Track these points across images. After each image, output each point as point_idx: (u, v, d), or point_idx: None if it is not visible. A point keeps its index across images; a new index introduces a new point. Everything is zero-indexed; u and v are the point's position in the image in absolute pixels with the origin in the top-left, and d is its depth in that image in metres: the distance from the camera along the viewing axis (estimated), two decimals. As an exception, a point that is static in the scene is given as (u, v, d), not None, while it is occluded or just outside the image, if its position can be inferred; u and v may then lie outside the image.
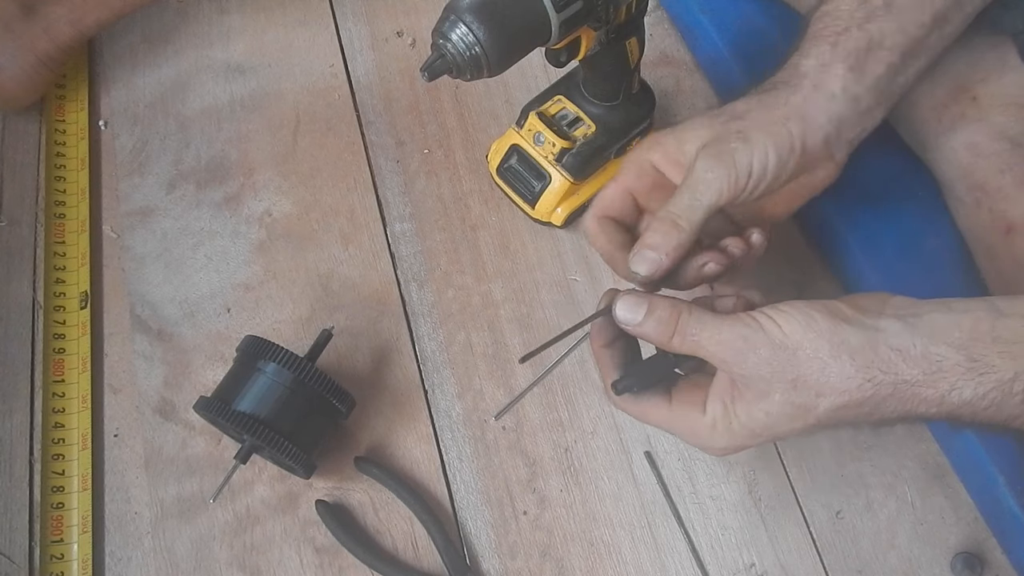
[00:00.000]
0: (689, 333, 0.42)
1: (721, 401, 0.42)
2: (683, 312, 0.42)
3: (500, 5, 0.46)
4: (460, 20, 0.46)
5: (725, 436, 0.43)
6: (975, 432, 0.49)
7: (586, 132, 0.64)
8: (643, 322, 0.43)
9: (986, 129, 0.58)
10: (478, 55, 0.46)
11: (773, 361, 0.39)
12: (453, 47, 0.46)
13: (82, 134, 0.74)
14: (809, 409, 0.40)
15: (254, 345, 0.57)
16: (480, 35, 0.45)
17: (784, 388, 0.40)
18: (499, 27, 0.46)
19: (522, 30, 0.48)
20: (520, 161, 0.67)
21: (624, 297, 0.44)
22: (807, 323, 0.39)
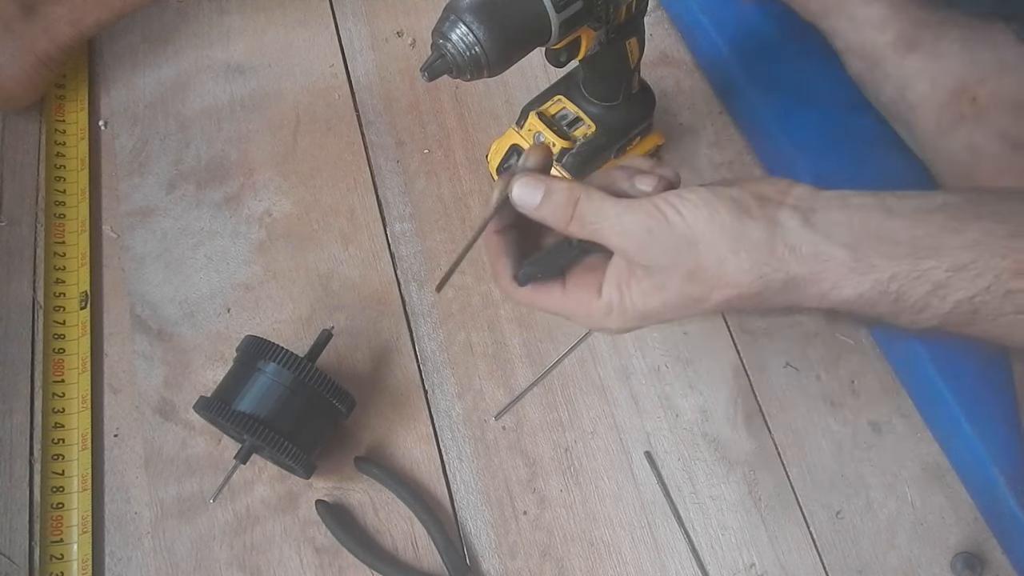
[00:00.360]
0: (588, 220, 0.41)
1: (617, 286, 0.42)
2: (581, 197, 0.41)
3: (500, 5, 0.46)
4: (460, 20, 0.46)
5: (619, 319, 0.43)
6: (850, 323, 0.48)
7: (586, 132, 0.64)
8: (540, 206, 0.42)
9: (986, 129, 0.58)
10: (478, 55, 0.46)
11: (673, 253, 0.39)
12: (453, 47, 0.46)
13: (82, 134, 0.74)
14: (702, 300, 0.40)
15: (254, 345, 0.57)
16: (480, 35, 0.45)
17: (681, 279, 0.40)
18: (499, 27, 0.46)
19: (522, 30, 0.48)
20: None
21: (522, 178, 0.42)
22: (711, 215, 0.39)
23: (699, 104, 0.75)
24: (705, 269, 0.39)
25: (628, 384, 0.64)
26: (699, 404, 0.63)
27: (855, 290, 0.38)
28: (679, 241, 0.39)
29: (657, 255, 0.40)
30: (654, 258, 0.40)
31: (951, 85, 0.60)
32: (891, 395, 0.63)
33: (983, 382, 0.58)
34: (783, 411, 0.63)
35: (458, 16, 0.46)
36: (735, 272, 0.39)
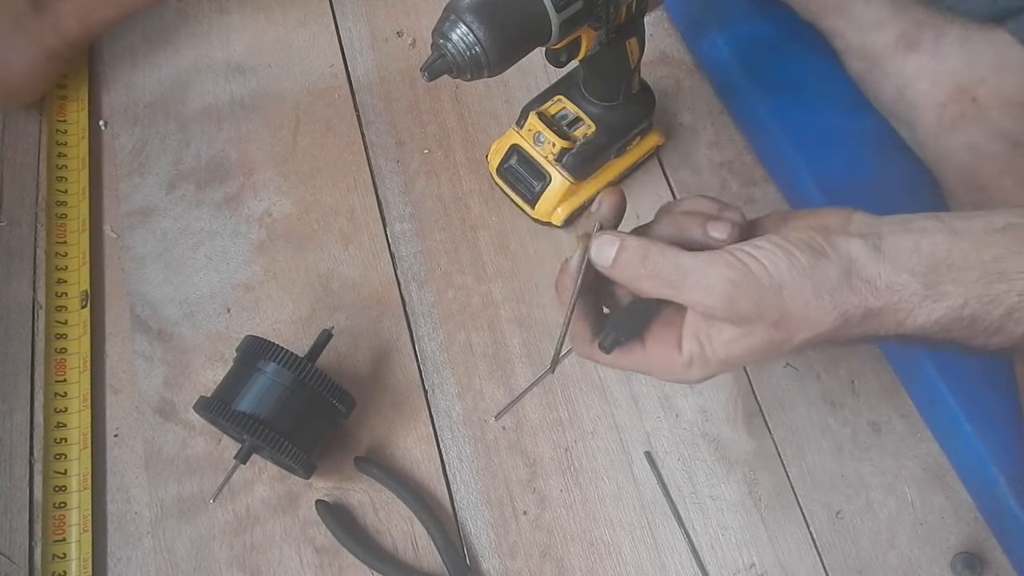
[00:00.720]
0: (665, 278, 0.40)
1: (696, 338, 0.42)
2: (655, 253, 0.41)
3: (500, 5, 0.46)
4: (460, 20, 0.45)
5: (701, 370, 0.43)
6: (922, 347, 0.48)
7: (586, 132, 0.64)
8: (614, 263, 0.42)
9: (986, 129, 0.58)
10: (478, 55, 0.46)
11: (761, 304, 0.39)
12: (453, 47, 0.46)
13: (83, 134, 0.74)
14: (785, 343, 0.40)
15: (254, 345, 0.57)
16: (480, 35, 0.45)
17: (766, 328, 0.40)
18: (499, 27, 0.46)
19: (522, 30, 0.48)
20: (520, 161, 0.67)
21: (599, 238, 0.42)
22: (791, 261, 0.39)
23: (699, 104, 0.75)
24: (790, 315, 0.39)
25: (628, 384, 0.64)
26: (699, 404, 0.63)
27: (929, 317, 0.38)
28: (765, 291, 0.39)
29: (744, 308, 0.39)
30: (741, 312, 0.39)
31: (951, 85, 0.60)
32: (891, 395, 0.63)
33: (983, 382, 0.58)
34: (783, 411, 0.63)
35: (458, 16, 0.46)
36: (818, 314, 0.39)
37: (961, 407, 0.57)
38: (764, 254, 0.39)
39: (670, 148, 0.73)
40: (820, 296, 0.39)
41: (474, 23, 0.45)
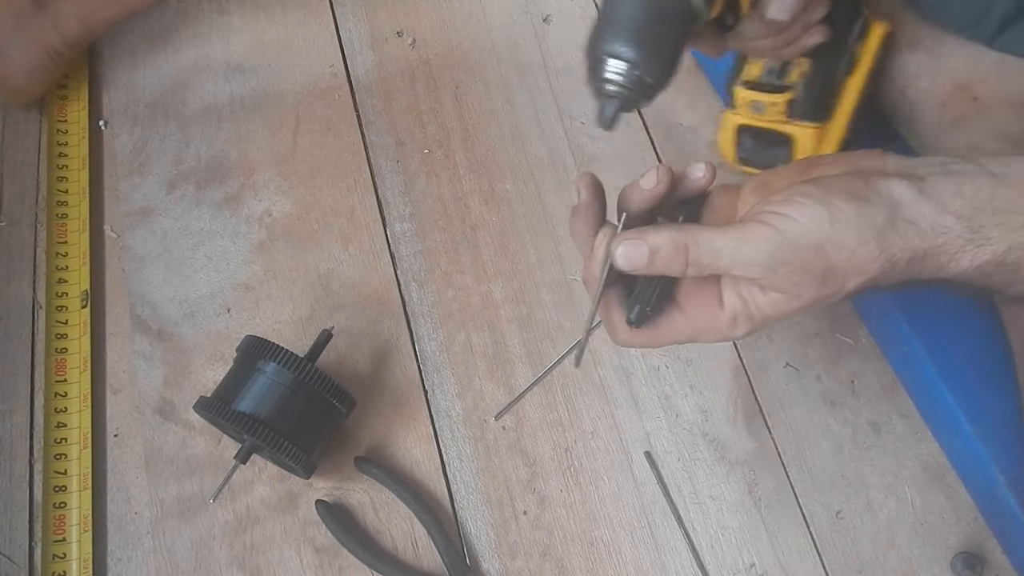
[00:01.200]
0: (705, 263, 0.39)
1: (739, 296, 0.41)
2: (689, 243, 0.39)
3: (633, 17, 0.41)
4: (606, 56, 0.41)
5: (747, 325, 0.41)
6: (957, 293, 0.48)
7: (802, 70, 0.57)
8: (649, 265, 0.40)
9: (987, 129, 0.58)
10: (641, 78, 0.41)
11: (803, 265, 0.38)
12: (615, 86, 0.41)
13: (83, 134, 0.74)
14: (834, 295, 0.39)
15: (254, 345, 0.57)
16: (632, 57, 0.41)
17: (814, 285, 0.39)
18: (646, 38, 0.41)
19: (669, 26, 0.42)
20: (754, 138, 0.61)
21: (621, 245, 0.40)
22: (831, 216, 0.37)
23: (699, 104, 0.75)
24: (835, 267, 0.38)
25: (628, 384, 0.64)
26: (699, 404, 0.63)
27: (972, 262, 0.38)
28: (805, 252, 0.38)
29: (787, 273, 0.38)
30: (783, 277, 0.38)
31: (952, 84, 0.60)
32: (891, 395, 0.63)
33: (983, 382, 0.58)
34: (783, 411, 0.63)
35: (603, 54, 0.41)
36: (865, 261, 0.38)
37: (961, 407, 0.57)
38: (800, 211, 0.38)
39: (670, 148, 0.73)
40: (866, 243, 0.37)
41: (621, 49, 0.41)
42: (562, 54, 0.77)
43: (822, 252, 0.38)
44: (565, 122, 0.73)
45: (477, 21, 0.79)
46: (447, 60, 0.77)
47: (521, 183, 0.71)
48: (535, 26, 0.78)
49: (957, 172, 0.39)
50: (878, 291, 0.41)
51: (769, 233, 0.38)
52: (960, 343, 0.59)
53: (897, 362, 0.63)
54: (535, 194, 0.71)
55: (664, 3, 0.42)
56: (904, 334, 0.60)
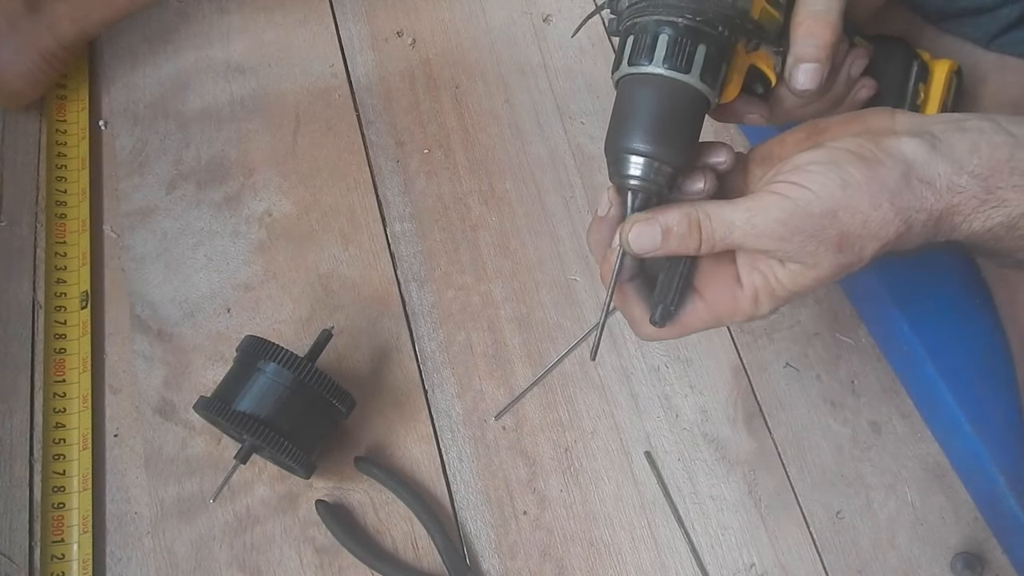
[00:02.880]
0: (719, 239, 0.39)
1: (758, 271, 0.40)
2: (701, 218, 0.39)
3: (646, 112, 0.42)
4: (628, 153, 0.41)
5: (769, 303, 0.41)
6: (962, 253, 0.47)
7: None
8: (663, 245, 0.40)
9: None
10: (662, 168, 0.42)
11: (818, 233, 0.37)
12: (639, 181, 0.42)
13: (83, 134, 0.74)
14: (854, 263, 0.38)
15: (254, 345, 0.57)
16: (653, 151, 0.41)
17: (831, 253, 0.38)
18: (662, 131, 0.41)
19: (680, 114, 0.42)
20: None
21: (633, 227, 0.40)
22: (843, 181, 0.37)
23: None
24: (850, 233, 0.37)
25: (628, 384, 0.64)
26: (699, 404, 0.63)
27: (984, 224, 0.37)
28: (818, 219, 0.37)
29: (801, 243, 0.37)
30: (798, 246, 0.38)
31: (951, 84, 0.60)
32: (891, 395, 0.63)
33: (983, 382, 0.58)
34: (783, 411, 0.63)
35: (624, 151, 0.42)
36: (881, 224, 0.37)
37: (961, 407, 0.57)
38: (810, 178, 0.37)
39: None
40: (879, 206, 0.37)
41: (639, 146, 0.41)
42: (562, 54, 0.77)
43: (835, 218, 0.37)
44: (565, 122, 0.73)
45: (477, 21, 0.79)
46: (447, 60, 0.77)
47: (521, 183, 0.71)
48: (535, 26, 0.78)
49: (973, 129, 0.38)
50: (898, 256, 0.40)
51: (781, 202, 0.37)
52: (960, 343, 0.59)
53: (897, 362, 0.63)
54: (535, 194, 0.71)
55: (675, 95, 0.42)
56: (904, 334, 0.60)
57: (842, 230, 0.37)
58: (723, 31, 0.41)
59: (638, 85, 0.42)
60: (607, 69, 0.75)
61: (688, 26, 0.41)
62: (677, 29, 0.41)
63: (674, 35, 0.41)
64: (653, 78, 0.41)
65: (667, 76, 0.41)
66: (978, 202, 0.37)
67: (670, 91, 0.41)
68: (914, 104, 0.54)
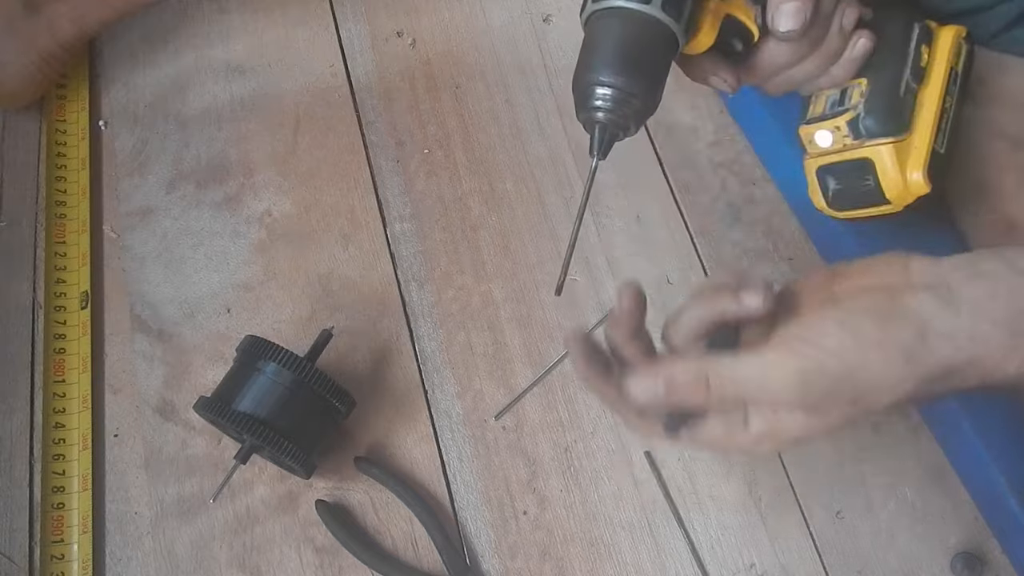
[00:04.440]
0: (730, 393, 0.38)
1: (764, 419, 0.40)
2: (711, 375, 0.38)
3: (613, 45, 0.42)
4: (595, 85, 0.42)
5: (771, 446, 0.40)
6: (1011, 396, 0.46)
7: (860, 90, 0.52)
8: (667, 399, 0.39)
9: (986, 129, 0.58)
10: (628, 99, 0.42)
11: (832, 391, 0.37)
12: (605, 114, 0.42)
13: (83, 134, 0.74)
14: (865, 415, 0.38)
15: (254, 345, 0.57)
16: (617, 81, 0.41)
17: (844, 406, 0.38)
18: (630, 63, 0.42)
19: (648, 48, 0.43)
20: (836, 176, 0.55)
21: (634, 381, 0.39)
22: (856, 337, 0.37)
23: (699, 103, 0.75)
24: (866, 393, 0.37)
25: (628, 384, 0.64)
26: (699, 404, 0.63)
27: (1019, 368, 0.36)
28: (834, 379, 0.37)
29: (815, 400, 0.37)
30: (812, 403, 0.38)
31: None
32: (891, 395, 0.63)
33: (983, 382, 0.58)
34: (783, 411, 0.63)
35: (590, 83, 0.42)
36: (895, 381, 0.37)
37: (961, 407, 0.57)
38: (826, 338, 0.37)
39: (669, 148, 0.73)
40: (893, 365, 0.36)
41: (606, 78, 0.41)
42: (562, 54, 0.77)
43: (851, 378, 0.37)
44: (565, 122, 0.73)
45: (477, 21, 0.79)
46: (447, 60, 0.77)
47: (521, 183, 0.71)
48: (535, 26, 0.78)
49: (988, 274, 0.37)
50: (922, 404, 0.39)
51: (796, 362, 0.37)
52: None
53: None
54: (535, 194, 0.71)
55: (638, 26, 0.42)
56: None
57: (858, 388, 0.37)
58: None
59: (602, 19, 0.42)
60: (607, 69, 0.75)
61: None
62: None
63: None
64: (616, 11, 0.42)
65: (629, 7, 0.42)
66: (1007, 348, 0.36)
67: (633, 22, 0.42)
68: (917, 66, 0.52)
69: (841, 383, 0.37)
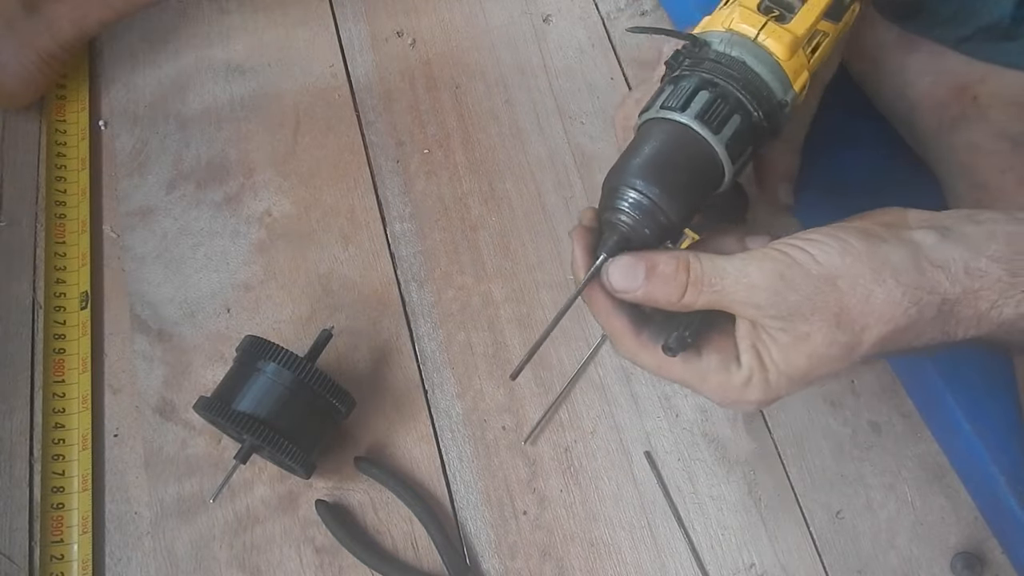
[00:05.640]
0: (707, 283, 0.36)
1: (754, 350, 0.38)
2: (692, 261, 0.37)
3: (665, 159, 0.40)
4: (628, 187, 0.40)
5: (761, 389, 0.38)
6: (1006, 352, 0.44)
7: None
8: (644, 285, 0.37)
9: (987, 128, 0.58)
10: (656, 213, 0.39)
11: (815, 297, 0.35)
12: (629, 217, 0.40)
13: (83, 134, 0.74)
14: (854, 346, 0.36)
15: (254, 345, 0.57)
16: (654, 195, 0.39)
17: (827, 326, 0.36)
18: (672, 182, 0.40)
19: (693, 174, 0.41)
20: None
21: (616, 261, 0.38)
22: (843, 248, 0.35)
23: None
24: (851, 308, 0.35)
25: (628, 384, 0.64)
26: (699, 404, 0.63)
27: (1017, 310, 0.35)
28: (816, 282, 0.35)
29: (795, 303, 0.35)
30: (791, 308, 0.36)
31: (952, 84, 0.60)
32: (891, 395, 0.63)
33: (983, 382, 0.58)
34: (783, 411, 0.63)
35: (624, 184, 0.40)
36: (885, 303, 0.35)
37: (961, 407, 0.57)
38: (811, 244, 0.36)
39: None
40: (883, 282, 0.35)
41: (644, 186, 0.39)
42: (562, 54, 0.77)
43: (834, 286, 0.35)
44: (565, 122, 0.73)
45: (477, 21, 0.79)
46: (447, 60, 0.77)
47: (521, 183, 0.71)
48: (535, 26, 0.78)
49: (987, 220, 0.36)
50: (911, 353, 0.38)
51: (778, 257, 0.36)
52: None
53: (897, 362, 0.63)
54: (535, 194, 0.71)
55: (695, 151, 0.40)
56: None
57: (842, 301, 0.35)
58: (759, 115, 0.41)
59: (662, 130, 0.40)
60: (607, 69, 0.75)
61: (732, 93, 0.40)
62: (719, 91, 0.40)
63: (714, 96, 0.40)
64: (680, 127, 0.40)
65: (695, 130, 0.40)
66: (1005, 285, 0.35)
67: (692, 145, 0.40)
68: None
69: (825, 289, 0.35)
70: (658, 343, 0.40)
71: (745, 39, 0.41)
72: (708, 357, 0.40)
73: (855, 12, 0.46)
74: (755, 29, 0.41)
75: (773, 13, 0.41)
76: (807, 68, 0.42)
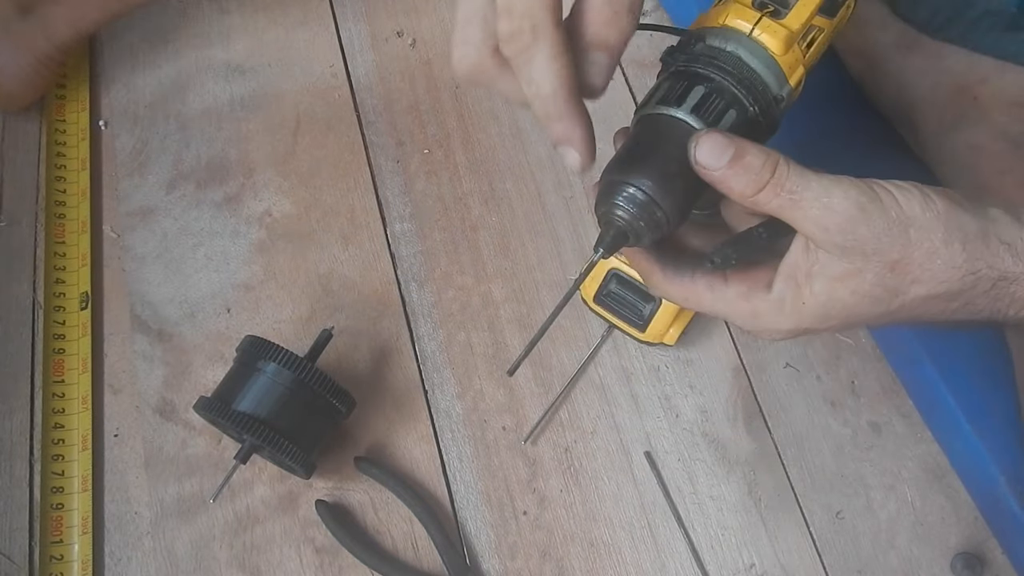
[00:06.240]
0: (788, 189, 0.36)
1: (793, 280, 0.38)
2: (780, 163, 0.36)
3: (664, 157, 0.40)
4: (625, 183, 0.39)
5: (793, 317, 0.38)
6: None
7: None
8: (726, 168, 0.36)
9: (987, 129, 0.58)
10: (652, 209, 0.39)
11: (882, 236, 0.35)
12: (625, 212, 0.39)
13: (82, 134, 0.74)
14: (897, 294, 0.36)
15: (254, 345, 0.57)
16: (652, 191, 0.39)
17: (880, 268, 0.36)
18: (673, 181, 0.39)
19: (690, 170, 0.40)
20: (621, 285, 0.60)
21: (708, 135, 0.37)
22: (925, 202, 0.35)
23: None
24: (911, 260, 0.35)
25: (628, 384, 0.64)
26: (699, 404, 0.63)
27: None
28: (891, 224, 0.35)
29: (864, 237, 0.35)
30: (858, 241, 0.35)
31: (952, 84, 0.60)
32: (891, 395, 0.63)
33: (983, 382, 0.58)
34: (783, 411, 0.63)
35: (622, 179, 0.39)
36: (944, 266, 0.36)
37: (961, 407, 0.57)
38: (898, 189, 0.36)
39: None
40: (950, 244, 0.35)
41: (643, 181, 0.39)
42: (562, 54, 0.76)
43: (906, 232, 0.35)
44: (565, 122, 0.73)
45: (477, 21, 0.78)
46: (447, 60, 0.76)
47: (521, 183, 0.71)
48: (535, 26, 0.78)
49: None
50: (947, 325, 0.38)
51: (864, 189, 0.36)
52: (960, 343, 0.59)
53: (897, 362, 0.63)
54: (535, 194, 0.71)
55: None
56: (904, 335, 0.60)
57: (907, 248, 0.36)
58: (755, 110, 0.41)
59: (658, 126, 0.40)
60: (607, 69, 0.75)
61: (727, 88, 0.40)
62: (714, 86, 0.40)
63: (709, 90, 0.40)
64: (676, 122, 0.40)
65: (690, 125, 0.40)
66: None
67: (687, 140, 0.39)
68: None
69: (894, 230, 0.35)
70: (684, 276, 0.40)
71: (740, 34, 0.41)
72: (735, 283, 0.40)
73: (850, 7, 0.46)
74: (750, 24, 0.41)
75: (768, 9, 0.41)
76: (802, 63, 0.42)
